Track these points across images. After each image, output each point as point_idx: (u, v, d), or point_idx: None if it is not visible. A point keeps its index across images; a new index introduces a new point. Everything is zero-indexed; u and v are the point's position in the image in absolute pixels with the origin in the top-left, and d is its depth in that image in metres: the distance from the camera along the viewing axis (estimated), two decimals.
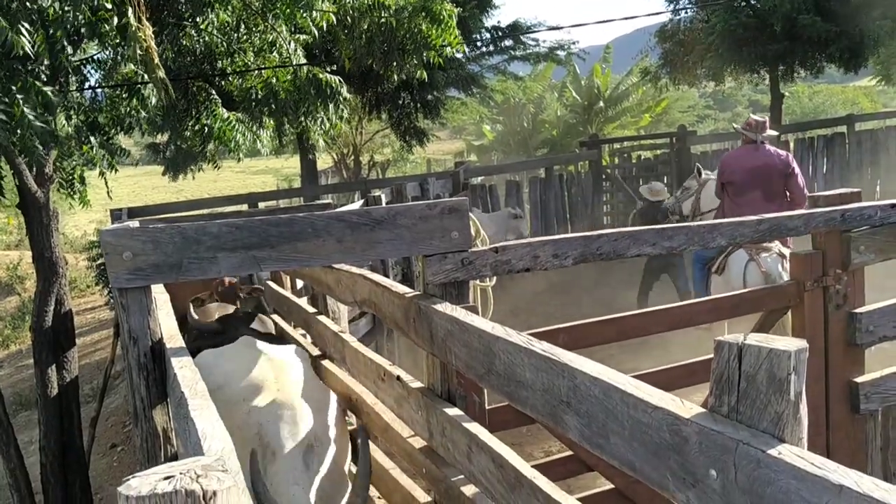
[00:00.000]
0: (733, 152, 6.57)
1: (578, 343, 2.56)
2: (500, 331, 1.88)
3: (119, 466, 6.68)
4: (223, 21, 4.38)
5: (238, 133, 5.10)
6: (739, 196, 5.97)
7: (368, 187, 11.10)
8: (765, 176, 5.89)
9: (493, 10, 12.64)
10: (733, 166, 6.06)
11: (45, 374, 4.25)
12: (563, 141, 23.61)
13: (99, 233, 8.93)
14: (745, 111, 47.71)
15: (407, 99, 11.92)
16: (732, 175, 6.03)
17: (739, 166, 5.99)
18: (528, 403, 1.75)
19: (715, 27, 12.15)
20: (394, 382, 2.73)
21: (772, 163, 5.92)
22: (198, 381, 1.89)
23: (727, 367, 1.21)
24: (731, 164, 6.12)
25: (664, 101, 23.89)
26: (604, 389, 1.45)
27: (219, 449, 1.40)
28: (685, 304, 3.03)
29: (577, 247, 2.48)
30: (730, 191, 6.08)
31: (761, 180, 5.89)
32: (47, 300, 4.21)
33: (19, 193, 4.10)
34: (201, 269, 2.30)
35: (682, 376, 2.88)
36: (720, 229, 2.61)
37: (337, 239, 2.40)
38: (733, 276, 5.61)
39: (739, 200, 5.92)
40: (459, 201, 2.48)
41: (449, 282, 2.46)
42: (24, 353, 12.37)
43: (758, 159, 5.92)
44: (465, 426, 2.17)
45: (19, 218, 19.97)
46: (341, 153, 17.80)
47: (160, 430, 2.32)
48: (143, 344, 2.30)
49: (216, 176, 26.55)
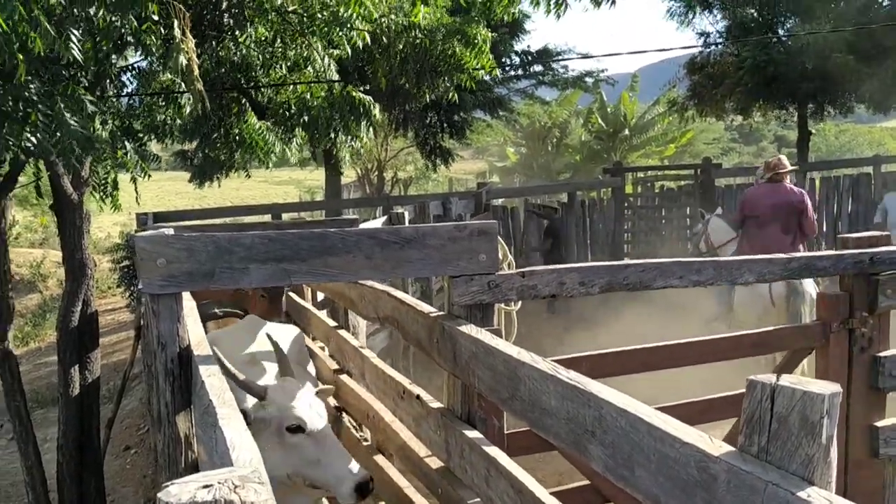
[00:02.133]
0: (755, 189, 7.04)
1: (601, 373, 2.56)
2: (526, 356, 1.89)
3: (132, 469, 6.71)
4: (261, 35, 4.46)
5: (267, 143, 5.17)
6: (761, 228, 6.62)
7: (391, 203, 11.16)
8: (784, 211, 6.57)
9: (523, 35, 12.72)
10: (756, 202, 6.69)
11: (68, 373, 4.29)
12: (586, 167, 23.63)
13: (124, 235, 9.02)
14: (771, 146, 47.52)
15: (434, 118, 12.00)
16: (755, 209, 6.66)
17: (761, 203, 6.64)
18: (551, 431, 1.76)
19: (745, 61, 12.14)
20: (413, 401, 2.74)
21: (789, 200, 6.61)
22: (225, 389, 1.90)
23: (759, 407, 1.21)
24: (753, 200, 6.75)
25: (690, 132, 23.87)
26: (630, 421, 1.45)
27: (247, 459, 1.42)
28: (709, 339, 3.02)
29: (603, 275, 2.49)
30: (752, 223, 6.70)
31: (781, 215, 6.57)
32: (75, 300, 4.27)
33: (54, 195, 4.17)
34: (232, 278, 2.33)
35: (701, 411, 2.87)
36: (749, 266, 2.61)
37: (366, 255, 2.43)
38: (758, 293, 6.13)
39: (761, 233, 6.61)
40: (489, 224, 2.50)
41: (474, 304, 2.47)
42: (42, 350, 12.50)
43: (778, 196, 6.60)
44: (484, 450, 2.17)
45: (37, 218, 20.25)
46: (366, 168, 17.93)
47: (182, 436, 2.34)
48: (171, 350, 2.33)
49: (239, 184, 26.80)
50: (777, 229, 6.57)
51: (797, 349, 3.14)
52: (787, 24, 13.02)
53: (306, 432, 2.77)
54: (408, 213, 8.07)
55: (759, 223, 6.63)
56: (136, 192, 5.10)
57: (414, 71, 4.90)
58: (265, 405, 2.79)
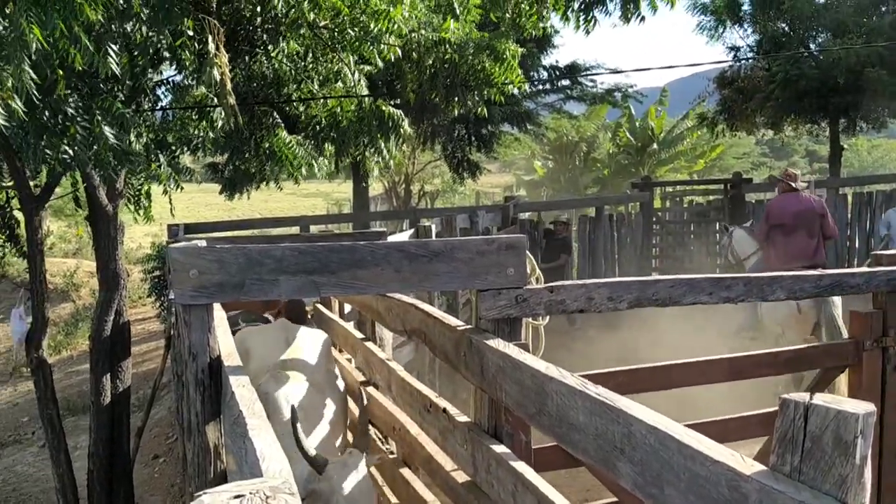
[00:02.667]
0: (778, 200, 7.43)
1: (630, 388, 2.54)
2: (554, 371, 1.88)
3: (160, 478, 6.77)
4: (293, 50, 4.52)
5: (297, 157, 5.22)
6: (787, 235, 7.06)
7: (417, 216, 11.20)
8: (807, 218, 7.00)
9: (551, 50, 12.74)
10: (781, 211, 7.10)
11: (100, 382, 4.36)
12: (614, 181, 23.53)
13: (155, 246, 9.13)
14: (802, 161, 46.91)
15: (462, 132, 12.04)
16: (781, 218, 7.05)
17: (786, 211, 7.05)
18: (579, 447, 1.75)
19: (776, 76, 12.04)
20: (440, 414, 2.74)
21: (811, 207, 7.07)
22: (255, 401, 1.92)
23: (792, 426, 1.19)
24: (778, 209, 7.16)
25: (719, 147, 23.68)
26: (660, 439, 1.44)
27: (277, 470, 1.43)
28: (741, 356, 2.99)
29: (632, 291, 2.48)
30: (778, 232, 7.09)
31: (805, 221, 7.00)
32: (108, 310, 4.34)
33: (90, 206, 4.25)
34: (263, 290, 2.35)
35: (729, 429, 2.83)
36: (780, 282, 2.58)
37: (395, 268, 2.44)
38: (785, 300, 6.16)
39: (787, 239, 7.05)
40: (517, 238, 2.50)
41: (502, 318, 2.46)
42: (74, 359, 12.69)
43: (801, 204, 7.05)
44: (511, 465, 2.16)
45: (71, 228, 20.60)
46: (393, 181, 18.02)
47: (212, 445, 2.36)
48: (201, 360, 2.36)
49: (267, 196, 27.05)
50: (803, 235, 7.00)
51: (830, 367, 3.10)
52: (819, 39, 12.89)
53: None
54: (435, 225, 8.08)
55: (784, 231, 7.02)
56: (171, 204, 5.18)
57: (443, 85, 4.93)
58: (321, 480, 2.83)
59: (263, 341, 3.58)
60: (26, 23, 2.67)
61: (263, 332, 3.78)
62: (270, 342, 3.56)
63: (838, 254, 12.14)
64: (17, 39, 2.68)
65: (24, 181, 4.45)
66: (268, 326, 3.96)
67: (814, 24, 12.35)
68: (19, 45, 2.69)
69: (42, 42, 2.76)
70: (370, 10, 4.12)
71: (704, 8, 13.93)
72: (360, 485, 2.87)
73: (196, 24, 3.61)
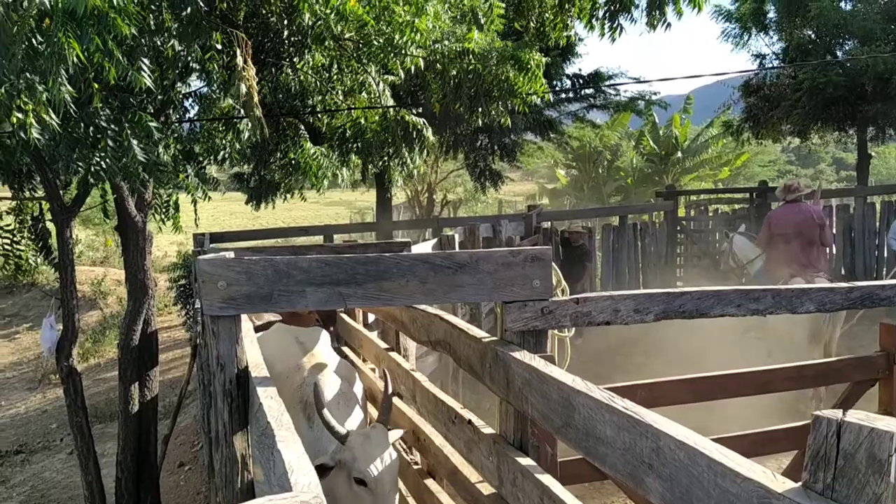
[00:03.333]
0: (780, 210, 8.06)
1: (656, 401, 2.52)
2: (581, 384, 1.88)
3: (186, 486, 6.82)
4: (318, 62, 4.56)
5: (322, 167, 5.26)
6: (788, 244, 7.61)
7: (440, 225, 11.21)
8: (806, 227, 7.62)
9: (575, 59, 12.72)
10: (782, 221, 7.75)
11: (128, 390, 4.41)
12: (638, 189, 23.40)
13: (181, 255, 9.22)
14: (829, 169, 46.32)
15: (484, 141, 12.04)
16: (782, 227, 7.67)
17: (787, 221, 7.69)
18: (606, 461, 1.74)
19: (802, 84, 11.91)
20: (465, 426, 2.73)
21: (810, 217, 7.67)
22: (283, 412, 1.94)
23: (825, 443, 1.18)
24: (780, 219, 7.81)
25: (744, 155, 23.46)
26: (689, 454, 1.43)
27: (305, 483, 1.44)
28: (767, 370, 2.95)
29: (659, 303, 2.46)
30: (780, 240, 7.68)
31: (805, 230, 7.62)
32: (136, 319, 4.40)
33: (119, 216, 4.32)
34: (290, 301, 2.37)
35: (762, 443, 2.80)
36: (809, 294, 2.55)
37: (420, 280, 2.45)
38: None
39: (788, 247, 7.61)
40: (543, 250, 2.50)
41: (527, 330, 2.46)
42: (101, 366, 12.85)
43: (800, 215, 7.68)
44: (538, 477, 2.15)
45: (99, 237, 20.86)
46: (416, 190, 18.07)
47: (239, 456, 2.38)
48: (229, 371, 2.38)
49: (291, 205, 27.23)
50: (803, 242, 7.59)
51: (859, 381, 3.05)
52: (846, 46, 12.75)
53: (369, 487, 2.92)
54: (457, 235, 8.08)
55: (785, 239, 7.60)
56: (196, 213, 5.24)
57: (467, 95, 4.95)
58: (344, 450, 2.97)
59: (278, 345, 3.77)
60: (64, 38, 2.73)
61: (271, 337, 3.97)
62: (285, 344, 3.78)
63: (867, 264, 11.97)
64: (55, 54, 2.75)
65: (56, 192, 4.53)
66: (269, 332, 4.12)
67: (841, 31, 12.21)
68: (56, 60, 2.75)
69: (81, 56, 2.82)
70: (395, 21, 4.15)
71: (729, 15, 13.84)
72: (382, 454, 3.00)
73: (224, 38, 3.67)
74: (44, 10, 2.77)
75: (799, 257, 7.56)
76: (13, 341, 15.35)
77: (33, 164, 4.45)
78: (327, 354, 3.83)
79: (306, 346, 3.77)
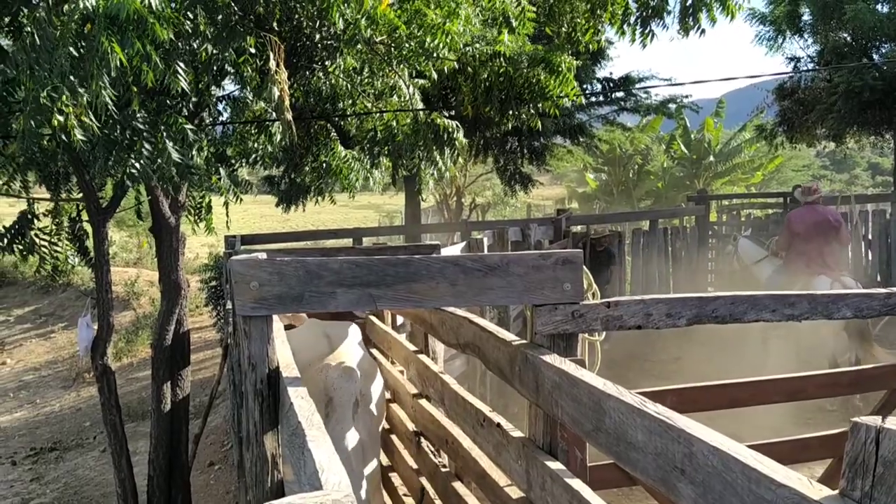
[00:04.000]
0: (798, 212, 8.44)
1: (687, 407, 2.50)
2: (612, 389, 1.87)
3: (216, 485, 6.89)
4: (350, 65, 4.60)
5: (353, 170, 5.30)
6: (807, 243, 8.06)
7: (469, 229, 11.21)
8: (824, 228, 8.09)
9: (605, 62, 12.65)
10: (801, 222, 8.18)
11: (161, 390, 4.47)
12: (668, 193, 23.19)
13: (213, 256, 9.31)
14: (864, 173, 45.46)
15: (514, 144, 12.01)
16: (802, 228, 8.12)
17: (806, 222, 8.14)
18: (638, 466, 1.72)
19: (838, 87, 11.72)
20: (494, 429, 2.73)
21: (827, 218, 8.16)
22: (313, 412, 1.95)
23: (863, 450, 1.16)
24: (799, 220, 8.22)
25: (778, 159, 23.13)
26: (723, 460, 1.41)
27: (336, 482, 1.44)
28: (801, 376, 2.91)
29: (691, 307, 2.44)
30: (799, 240, 8.13)
31: (823, 231, 8.07)
32: (169, 320, 4.46)
33: (153, 218, 4.38)
34: (321, 302, 2.39)
35: (795, 450, 2.76)
36: (846, 300, 2.51)
37: (450, 282, 2.45)
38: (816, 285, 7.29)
39: (808, 246, 8.05)
40: (574, 253, 2.49)
41: (558, 333, 2.45)
42: (134, 366, 13.04)
43: (818, 216, 8.14)
44: (567, 482, 2.14)
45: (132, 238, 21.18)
46: (444, 193, 18.09)
47: (270, 455, 2.40)
48: (260, 371, 2.40)
49: (320, 208, 27.41)
50: (822, 242, 8.03)
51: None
52: (883, 49, 12.52)
53: None
54: (486, 238, 8.08)
55: (805, 239, 8.05)
56: (228, 216, 5.30)
57: (498, 99, 4.95)
58: None
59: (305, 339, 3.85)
60: (108, 42, 2.79)
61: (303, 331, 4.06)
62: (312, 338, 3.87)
63: None
64: (98, 58, 2.81)
65: (93, 194, 4.62)
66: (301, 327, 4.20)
67: (877, 33, 11.99)
68: (99, 64, 2.82)
69: (123, 61, 2.89)
70: (426, 25, 4.17)
71: (763, 18, 13.67)
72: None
73: (258, 42, 3.72)
74: (86, 14, 2.84)
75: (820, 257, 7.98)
76: (49, 340, 15.65)
77: (71, 165, 4.54)
78: (352, 350, 3.88)
79: (333, 341, 3.84)
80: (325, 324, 4.13)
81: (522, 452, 2.45)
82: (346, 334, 4.03)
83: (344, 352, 3.81)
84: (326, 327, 4.06)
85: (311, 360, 3.63)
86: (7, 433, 10.90)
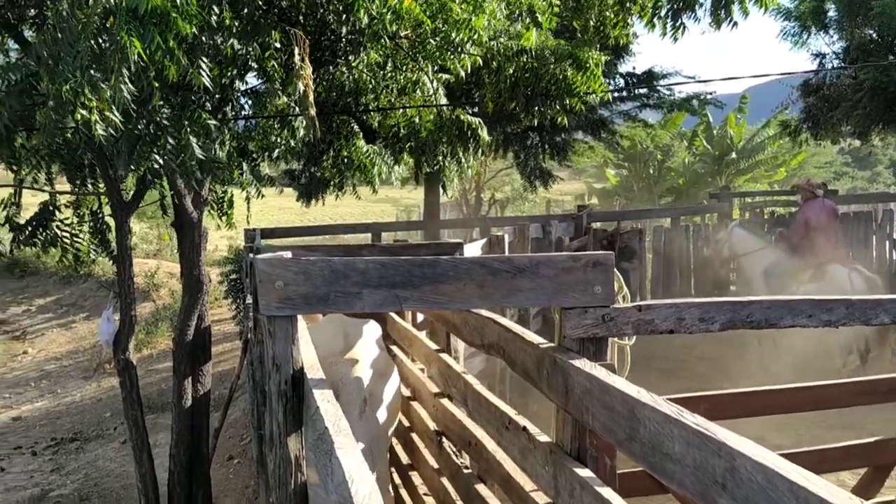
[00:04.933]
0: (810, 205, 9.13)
1: (720, 414, 2.44)
2: (647, 397, 1.82)
3: (235, 479, 6.90)
4: (373, 60, 4.56)
5: (375, 165, 5.26)
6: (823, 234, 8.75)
7: (488, 225, 11.14)
8: (833, 218, 9.10)
9: (628, 58, 12.52)
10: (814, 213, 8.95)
11: (182, 384, 4.47)
12: (690, 190, 22.96)
13: (232, 249, 9.32)
14: (887, 171, 44.84)
15: (535, 139, 11.92)
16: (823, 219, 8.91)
17: (819, 214, 8.94)
18: (674, 478, 1.67)
19: (863, 84, 11.52)
20: (520, 433, 2.68)
21: (831, 210, 9.16)
22: (340, 417, 1.91)
23: None
24: (812, 212, 8.98)
25: (801, 155, 22.83)
26: (768, 476, 1.36)
27: (366, 494, 1.41)
28: (836, 384, 2.83)
29: (725, 312, 2.38)
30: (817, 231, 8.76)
31: (833, 221, 9.06)
32: (191, 314, 4.45)
33: (175, 213, 4.37)
34: (346, 303, 2.35)
35: (839, 459, 2.69)
36: (885, 305, 2.43)
37: (478, 284, 2.41)
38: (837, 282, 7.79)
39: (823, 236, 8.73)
40: (605, 255, 2.43)
41: (588, 337, 2.40)
42: (154, 357, 13.11)
43: (825, 208, 9.06)
44: (597, 490, 2.09)
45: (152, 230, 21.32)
46: (464, 189, 18.03)
47: (293, 457, 2.37)
48: (285, 371, 2.37)
49: (339, 202, 27.41)
50: (833, 232, 8.90)
51: None
52: None
53: None
54: (507, 235, 8.01)
55: (820, 230, 8.77)
56: (249, 210, 5.29)
57: (524, 95, 4.89)
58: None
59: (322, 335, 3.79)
60: (127, 37, 2.77)
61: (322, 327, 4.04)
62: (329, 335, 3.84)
63: None
64: (118, 52, 2.79)
65: (116, 188, 4.62)
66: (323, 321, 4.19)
67: None
68: (119, 58, 2.80)
69: (143, 55, 2.86)
70: (452, 20, 4.12)
71: (788, 14, 13.46)
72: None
73: (282, 36, 3.68)
74: (108, 7, 2.82)
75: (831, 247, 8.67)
76: (70, 330, 15.79)
77: (95, 159, 4.54)
78: (368, 348, 3.85)
79: (350, 339, 3.82)
80: (345, 320, 4.08)
81: (550, 458, 2.40)
82: (364, 332, 4.00)
83: (359, 350, 3.77)
84: (346, 324, 4.01)
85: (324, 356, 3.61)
86: (28, 423, 11.00)
